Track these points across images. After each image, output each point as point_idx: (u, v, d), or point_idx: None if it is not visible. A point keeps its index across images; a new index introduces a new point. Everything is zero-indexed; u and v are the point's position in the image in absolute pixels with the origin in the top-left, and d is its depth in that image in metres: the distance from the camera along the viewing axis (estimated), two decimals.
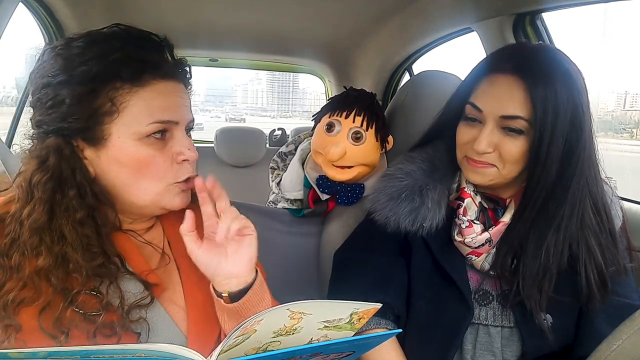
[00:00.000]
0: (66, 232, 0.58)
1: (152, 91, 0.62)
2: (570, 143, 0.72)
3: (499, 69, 0.75)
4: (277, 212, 1.26)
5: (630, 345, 0.61)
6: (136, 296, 0.62)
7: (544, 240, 0.76)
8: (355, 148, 1.09)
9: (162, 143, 0.64)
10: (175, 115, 0.64)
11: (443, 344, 0.82)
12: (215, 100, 35.26)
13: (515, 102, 0.72)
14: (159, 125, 0.62)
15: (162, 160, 0.63)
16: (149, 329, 0.62)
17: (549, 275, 0.76)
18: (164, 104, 0.63)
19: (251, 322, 0.46)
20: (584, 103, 0.73)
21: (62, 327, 0.55)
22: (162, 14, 1.76)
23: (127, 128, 0.61)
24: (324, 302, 0.52)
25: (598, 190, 0.79)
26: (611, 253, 0.79)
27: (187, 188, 0.67)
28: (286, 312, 0.48)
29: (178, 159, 0.65)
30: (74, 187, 0.59)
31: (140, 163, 0.62)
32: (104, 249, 0.60)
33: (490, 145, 0.75)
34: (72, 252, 0.57)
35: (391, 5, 1.60)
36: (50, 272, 0.56)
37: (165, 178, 0.64)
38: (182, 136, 0.65)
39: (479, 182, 0.79)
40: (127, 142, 0.61)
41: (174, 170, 0.65)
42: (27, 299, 0.55)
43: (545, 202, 0.75)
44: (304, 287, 1.22)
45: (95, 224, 0.61)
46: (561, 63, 0.74)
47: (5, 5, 1.14)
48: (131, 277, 0.63)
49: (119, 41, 0.61)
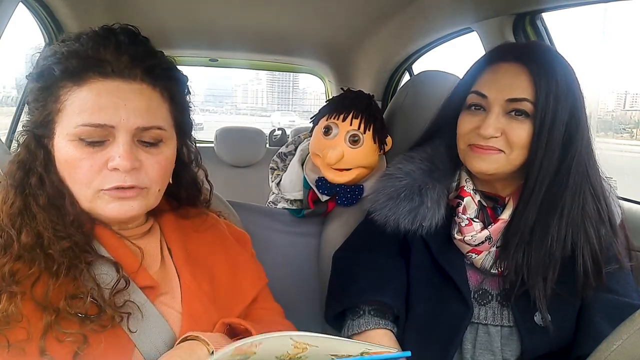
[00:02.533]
0: (35, 212, 0.61)
1: (89, 91, 0.59)
2: (570, 131, 0.75)
3: (502, 59, 0.78)
4: (277, 212, 1.26)
5: (630, 345, 0.62)
6: (113, 281, 0.61)
7: (548, 228, 0.77)
8: (353, 151, 1.09)
9: (98, 148, 0.60)
10: (110, 118, 0.59)
11: (443, 343, 0.82)
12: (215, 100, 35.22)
13: (521, 86, 0.75)
14: (88, 129, 0.58)
15: (90, 165, 0.59)
16: (142, 315, 0.62)
17: (553, 263, 0.77)
18: (96, 105, 0.58)
19: (247, 344, 0.44)
20: (580, 98, 0.76)
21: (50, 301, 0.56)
22: (162, 14, 1.76)
23: (63, 128, 0.60)
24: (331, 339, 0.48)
25: (597, 179, 0.80)
26: (609, 242, 0.79)
27: (116, 197, 0.61)
28: (288, 340, 0.46)
29: (109, 165, 0.60)
30: (35, 175, 0.62)
31: (68, 165, 0.61)
32: (69, 233, 0.60)
33: (497, 129, 0.76)
34: (44, 230, 0.60)
35: (391, 5, 1.60)
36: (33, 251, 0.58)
37: (91, 184, 0.60)
38: (120, 142, 0.59)
39: (484, 170, 0.78)
40: (62, 142, 0.61)
41: (102, 176, 0.60)
42: (20, 269, 0.57)
43: (549, 188, 0.76)
44: (304, 287, 1.22)
45: (58, 210, 0.61)
46: (559, 58, 0.77)
47: (5, 5, 1.14)
48: (103, 262, 0.62)
49: (85, 39, 0.61)
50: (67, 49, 0.61)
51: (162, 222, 0.74)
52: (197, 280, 0.69)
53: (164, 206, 0.74)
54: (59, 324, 0.56)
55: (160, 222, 0.74)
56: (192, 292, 0.68)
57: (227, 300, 0.72)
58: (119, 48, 0.61)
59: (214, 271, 0.73)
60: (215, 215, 0.83)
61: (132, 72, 0.61)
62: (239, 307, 0.73)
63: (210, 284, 0.71)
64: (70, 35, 0.63)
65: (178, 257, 0.71)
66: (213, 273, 0.73)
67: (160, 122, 0.63)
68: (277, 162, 1.34)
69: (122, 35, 0.63)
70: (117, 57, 0.60)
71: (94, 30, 0.63)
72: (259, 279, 0.80)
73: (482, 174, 0.80)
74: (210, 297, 0.69)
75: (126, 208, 0.62)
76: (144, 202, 0.63)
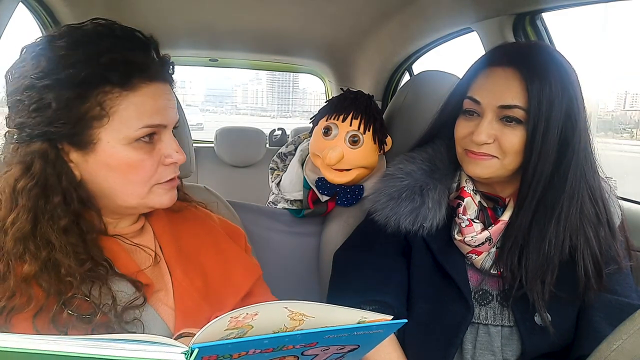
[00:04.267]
0: (53, 239, 0.57)
1: (142, 95, 0.61)
2: (565, 134, 0.74)
3: (496, 63, 0.77)
4: (277, 212, 1.26)
5: (630, 345, 0.62)
6: (128, 297, 0.62)
7: (546, 232, 0.76)
8: (352, 151, 1.09)
9: (151, 146, 0.63)
10: (164, 118, 0.64)
11: (443, 343, 0.82)
12: (215, 100, 35.27)
13: (512, 92, 0.74)
14: (149, 129, 0.62)
15: (150, 163, 0.63)
16: (143, 329, 0.62)
17: (552, 267, 0.77)
18: (153, 107, 0.62)
19: (242, 313, 0.43)
20: (578, 97, 0.75)
21: (58, 327, 0.55)
22: (162, 14, 1.76)
23: (117, 133, 0.60)
24: (328, 307, 0.48)
25: (595, 182, 0.79)
26: (608, 244, 0.79)
27: (170, 187, 0.67)
28: (284, 310, 0.45)
29: (166, 161, 0.65)
30: (59, 194, 0.58)
31: (129, 167, 0.62)
32: (91, 254, 0.60)
33: (490, 136, 0.75)
34: (63, 257, 0.57)
35: (391, 5, 1.60)
36: (39, 278, 0.56)
37: (150, 180, 0.64)
38: (169, 138, 0.65)
39: (479, 175, 0.79)
40: (116, 147, 0.60)
41: (160, 172, 0.65)
42: (17, 306, 0.55)
43: (543, 193, 0.76)
44: (304, 287, 1.23)
45: (80, 230, 0.60)
46: (555, 58, 0.76)
47: (5, 5, 1.14)
48: (120, 278, 0.63)
49: (105, 42, 0.60)
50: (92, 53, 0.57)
51: (152, 219, 0.74)
52: (189, 276, 0.70)
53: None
54: (55, 318, 0.56)
55: (150, 220, 0.74)
56: (184, 288, 0.69)
57: (219, 294, 0.72)
58: (148, 50, 0.63)
59: (206, 266, 0.73)
60: (203, 208, 0.83)
61: (161, 74, 0.64)
62: (231, 300, 0.73)
63: (202, 279, 0.71)
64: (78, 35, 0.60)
65: (170, 254, 0.71)
66: (204, 268, 0.73)
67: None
68: (277, 163, 1.34)
69: (140, 35, 0.64)
70: (152, 59, 0.63)
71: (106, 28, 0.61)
72: (252, 271, 0.79)
73: (477, 178, 0.81)
74: (202, 292, 0.70)
75: (174, 196, 0.69)
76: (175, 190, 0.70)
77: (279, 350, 0.45)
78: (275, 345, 0.44)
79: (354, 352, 0.54)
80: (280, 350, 0.46)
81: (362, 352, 0.55)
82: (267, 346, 0.44)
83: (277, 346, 0.45)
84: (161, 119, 0.63)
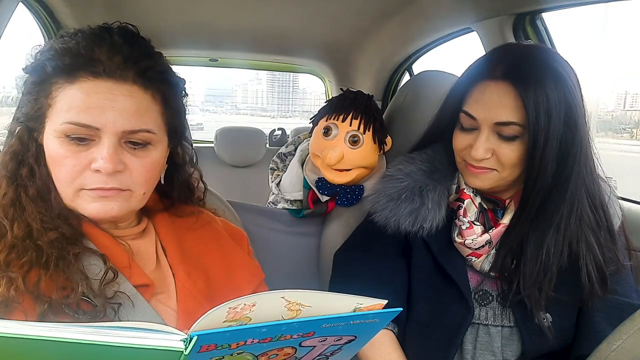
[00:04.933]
0: (25, 203, 0.62)
1: (78, 89, 0.59)
2: (565, 143, 0.72)
3: (490, 76, 0.75)
4: (277, 212, 1.26)
5: (630, 345, 0.62)
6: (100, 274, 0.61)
7: (543, 241, 0.76)
8: (352, 151, 1.09)
9: (81, 147, 0.60)
10: (96, 119, 0.58)
11: (443, 343, 0.82)
12: (215, 100, 35.28)
13: (507, 109, 0.72)
14: (74, 127, 0.58)
15: (73, 163, 0.60)
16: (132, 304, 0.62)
17: (550, 275, 0.77)
18: (83, 104, 0.58)
19: (240, 304, 0.43)
20: (576, 101, 0.73)
21: (42, 292, 0.56)
22: (162, 14, 1.76)
23: (51, 124, 0.61)
24: (323, 294, 0.48)
25: (595, 188, 0.79)
26: (610, 250, 0.79)
27: (96, 196, 0.61)
28: (281, 300, 0.45)
29: (92, 166, 0.60)
30: (26, 166, 0.64)
31: (52, 161, 0.62)
32: (56, 225, 0.61)
33: (488, 151, 0.75)
34: (32, 221, 0.60)
35: (391, 5, 1.60)
36: (25, 237, 0.59)
37: (73, 183, 0.61)
38: (105, 144, 0.59)
39: (480, 187, 0.80)
40: (49, 138, 0.61)
41: (85, 176, 0.60)
42: (14, 259, 0.57)
43: (542, 204, 0.75)
44: (304, 287, 1.21)
45: (46, 203, 0.62)
46: (551, 64, 0.73)
47: (5, 5, 1.14)
48: (90, 254, 0.62)
49: (81, 37, 0.61)
50: (62, 46, 0.61)
51: (156, 222, 0.74)
52: (192, 279, 0.70)
53: (157, 206, 0.75)
54: (55, 316, 0.56)
55: (154, 222, 0.74)
56: (187, 290, 0.69)
57: (222, 296, 0.71)
58: (113, 48, 0.61)
59: (209, 269, 0.73)
60: (210, 212, 0.83)
61: (124, 73, 0.60)
62: None
63: (205, 281, 0.71)
64: (68, 31, 0.64)
65: (173, 256, 0.71)
66: (208, 270, 0.73)
67: (150, 125, 0.63)
68: (276, 163, 1.34)
69: (118, 35, 0.63)
70: (110, 57, 0.60)
71: (91, 29, 0.63)
72: (255, 275, 0.80)
73: (478, 189, 0.81)
74: (205, 294, 0.69)
75: (107, 208, 0.62)
76: (126, 204, 0.63)
77: (277, 340, 0.45)
78: (273, 335, 0.44)
79: (351, 344, 0.53)
80: (277, 341, 0.46)
81: (359, 343, 0.55)
82: (265, 335, 0.44)
83: (274, 335, 0.45)
84: (91, 120, 0.58)
